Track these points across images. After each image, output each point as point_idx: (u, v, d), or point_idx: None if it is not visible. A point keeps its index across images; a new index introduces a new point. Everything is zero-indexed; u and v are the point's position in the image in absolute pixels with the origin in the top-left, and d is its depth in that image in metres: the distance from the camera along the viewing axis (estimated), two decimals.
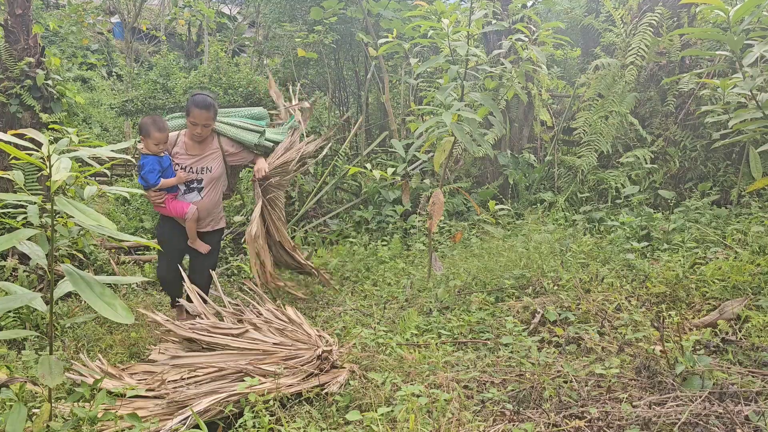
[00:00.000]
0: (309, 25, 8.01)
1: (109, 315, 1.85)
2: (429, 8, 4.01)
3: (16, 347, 3.54)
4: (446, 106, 3.61)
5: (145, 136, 3.63)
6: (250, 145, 3.93)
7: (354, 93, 9.00)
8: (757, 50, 3.22)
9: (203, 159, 3.82)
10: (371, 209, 5.97)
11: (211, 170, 3.83)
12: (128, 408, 2.51)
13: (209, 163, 3.83)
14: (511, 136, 6.56)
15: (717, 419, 2.03)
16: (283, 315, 3.30)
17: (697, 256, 3.74)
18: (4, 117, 4.87)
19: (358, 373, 2.70)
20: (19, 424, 1.82)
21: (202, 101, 3.68)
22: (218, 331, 3.09)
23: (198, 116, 3.64)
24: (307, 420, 2.43)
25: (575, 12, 7.83)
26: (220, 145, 3.88)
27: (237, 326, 3.13)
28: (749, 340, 2.66)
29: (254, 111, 4.12)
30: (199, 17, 12.36)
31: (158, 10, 15.44)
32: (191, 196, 3.83)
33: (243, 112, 4.08)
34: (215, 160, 3.85)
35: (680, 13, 5.73)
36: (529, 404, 2.34)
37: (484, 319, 3.38)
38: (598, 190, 5.68)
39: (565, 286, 3.62)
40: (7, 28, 4.90)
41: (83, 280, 1.91)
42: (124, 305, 1.91)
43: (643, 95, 5.88)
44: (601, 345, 2.84)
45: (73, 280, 1.90)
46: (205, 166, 3.82)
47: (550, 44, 4.53)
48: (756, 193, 4.54)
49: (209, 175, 3.83)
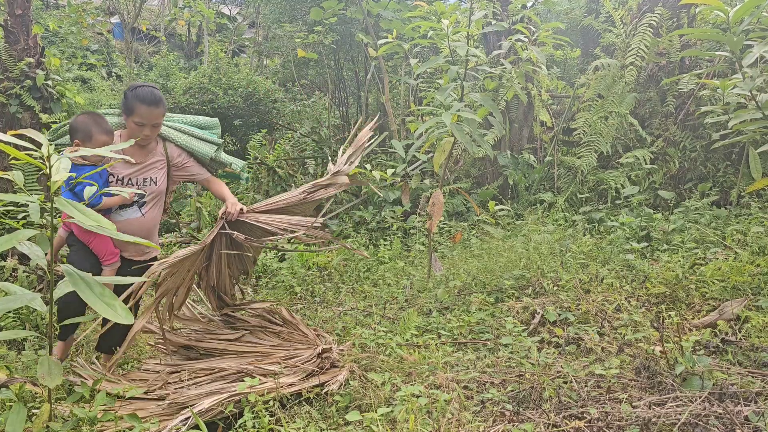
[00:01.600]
0: (309, 25, 8.02)
1: (110, 315, 1.85)
2: (429, 9, 4.01)
3: (16, 347, 3.54)
4: (446, 106, 3.61)
5: (83, 139, 2.83)
6: (204, 158, 3.22)
7: (354, 93, 9.01)
8: (757, 51, 3.22)
9: (146, 169, 3.05)
10: (371, 209, 5.97)
11: (156, 182, 3.09)
12: (128, 409, 2.51)
13: (154, 174, 3.08)
14: (510, 137, 6.56)
15: (717, 420, 2.03)
16: (278, 317, 3.25)
17: (696, 257, 3.74)
18: (4, 117, 4.87)
19: (357, 373, 2.70)
20: (19, 424, 1.82)
21: (151, 95, 2.92)
22: (214, 337, 3.09)
23: (146, 114, 2.90)
24: (306, 420, 2.43)
25: (575, 12, 7.84)
26: (166, 154, 3.15)
27: (233, 332, 3.12)
28: (749, 341, 2.67)
29: (201, 120, 3.37)
30: (198, 18, 12.36)
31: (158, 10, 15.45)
32: (129, 212, 3.03)
33: (188, 119, 3.35)
34: (160, 171, 3.11)
35: (680, 13, 5.73)
36: (528, 405, 2.34)
37: (484, 319, 3.38)
38: (598, 191, 5.68)
39: (564, 286, 3.62)
40: (7, 28, 4.90)
41: (83, 281, 1.91)
42: (123, 306, 1.91)
43: (643, 96, 5.89)
44: (601, 345, 2.84)
45: (72, 281, 1.90)
46: (149, 176, 3.06)
47: (550, 45, 4.53)
48: (756, 194, 4.55)
49: (154, 188, 3.09)
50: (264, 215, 3.00)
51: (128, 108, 2.92)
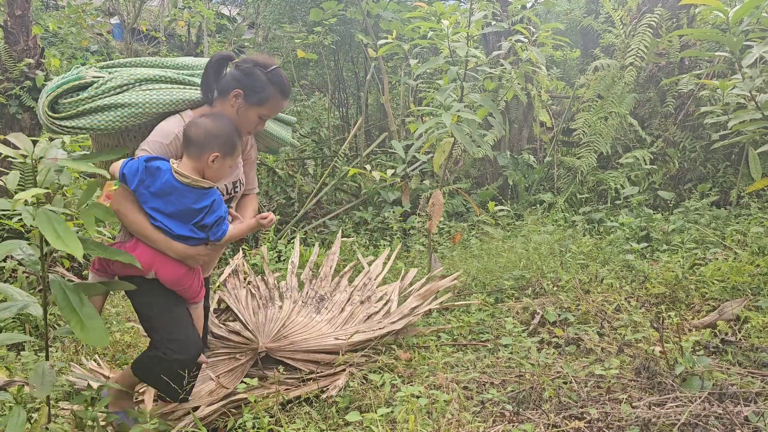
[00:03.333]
0: (309, 26, 8.01)
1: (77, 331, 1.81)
2: (428, 9, 4.01)
3: (16, 349, 3.53)
4: (446, 107, 3.61)
5: (226, 153, 2.16)
6: (283, 143, 2.64)
7: (354, 94, 9.00)
8: (757, 51, 3.22)
9: (236, 168, 2.37)
10: (371, 210, 5.97)
11: (243, 183, 2.45)
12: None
13: (239, 172, 2.41)
14: (510, 137, 6.56)
15: (716, 420, 2.03)
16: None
17: (696, 257, 3.74)
18: (4, 118, 4.86)
19: (357, 374, 2.70)
20: (19, 426, 1.82)
21: (288, 84, 2.30)
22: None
23: (276, 108, 2.31)
24: (306, 421, 2.43)
25: (574, 13, 7.83)
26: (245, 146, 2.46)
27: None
28: (749, 341, 2.67)
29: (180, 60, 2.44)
30: (198, 18, 12.36)
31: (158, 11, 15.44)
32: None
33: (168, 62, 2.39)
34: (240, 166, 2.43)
35: (679, 14, 5.73)
36: (528, 405, 2.34)
37: (484, 320, 3.38)
38: (598, 191, 5.68)
39: (564, 286, 3.63)
40: (7, 29, 4.90)
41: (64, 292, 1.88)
42: (101, 327, 1.87)
43: (643, 96, 5.89)
44: (601, 346, 2.84)
45: (56, 291, 1.88)
46: (239, 179, 2.40)
47: (550, 45, 4.53)
48: (755, 194, 4.55)
49: (239, 191, 2.44)
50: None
51: (256, 93, 2.22)
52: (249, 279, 3.66)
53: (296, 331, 3.05)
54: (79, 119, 2.12)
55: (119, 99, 2.14)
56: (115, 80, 2.17)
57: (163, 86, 2.22)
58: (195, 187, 2.10)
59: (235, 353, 2.93)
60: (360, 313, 3.27)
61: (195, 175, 2.11)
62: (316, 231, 6.04)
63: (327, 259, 3.87)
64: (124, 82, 2.17)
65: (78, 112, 2.12)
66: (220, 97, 2.24)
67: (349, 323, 3.19)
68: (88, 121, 2.12)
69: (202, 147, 2.11)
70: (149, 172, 2.08)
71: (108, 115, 2.12)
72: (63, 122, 2.12)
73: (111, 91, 2.15)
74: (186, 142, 2.13)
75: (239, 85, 2.21)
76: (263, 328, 3.06)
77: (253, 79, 2.22)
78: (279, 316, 3.20)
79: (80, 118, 2.13)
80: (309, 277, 3.71)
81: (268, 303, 3.40)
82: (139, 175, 2.06)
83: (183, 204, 2.11)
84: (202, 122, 2.13)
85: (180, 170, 2.08)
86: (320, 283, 3.63)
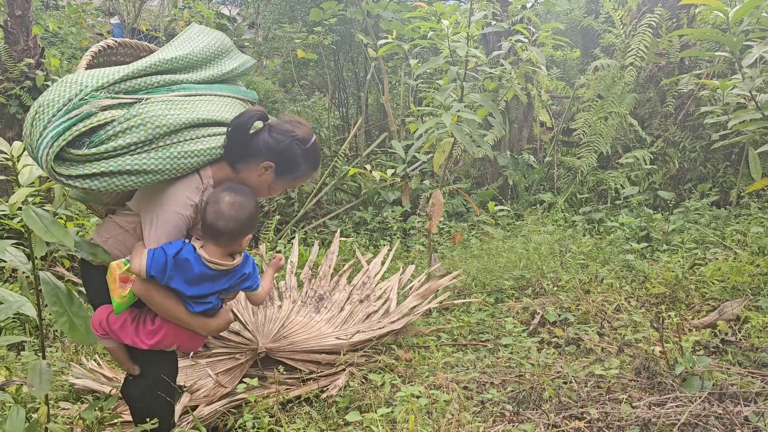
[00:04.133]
0: (309, 26, 8.01)
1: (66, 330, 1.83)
2: (429, 9, 4.01)
3: (16, 348, 3.54)
4: (446, 107, 3.61)
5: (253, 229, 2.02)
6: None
7: (354, 94, 9.00)
8: (757, 51, 3.22)
9: None
10: (371, 210, 5.97)
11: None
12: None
13: None
14: (510, 137, 6.56)
15: (716, 420, 2.03)
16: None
17: (696, 257, 3.74)
18: (4, 118, 4.87)
19: (357, 374, 2.70)
20: (18, 426, 1.82)
21: (320, 158, 2.21)
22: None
23: (306, 179, 2.23)
24: (306, 421, 2.43)
25: (575, 13, 7.83)
26: None
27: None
28: (749, 341, 2.67)
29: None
30: (198, 18, 12.36)
31: (158, 11, 15.43)
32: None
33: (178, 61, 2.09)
34: None
35: (680, 14, 5.73)
36: (528, 405, 2.34)
37: (484, 320, 3.38)
38: (598, 191, 5.68)
39: (564, 286, 3.62)
40: (7, 29, 4.90)
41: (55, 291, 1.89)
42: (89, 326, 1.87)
43: (643, 96, 5.89)
44: (601, 346, 2.84)
45: (46, 290, 1.88)
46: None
47: (550, 45, 4.53)
48: (755, 194, 4.55)
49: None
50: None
51: (290, 170, 2.09)
52: None
53: (296, 331, 3.05)
54: (87, 180, 1.78)
55: (138, 164, 1.81)
56: (135, 133, 1.81)
57: (187, 136, 1.92)
58: (230, 270, 1.98)
59: (234, 353, 2.93)
60: (359, 312, 3.27)
61: (224, 260, 1.95)
62: (316, 231, 6.04)
63: (326, 258, 3.87)
64: (147, 137, 1.82)
65: (87, 174, 1.77)
66: (246, 160, 2.04)
67: (348, 322, 3.19)
68: (98, 183, 1.79)
69: (235, 237, 1.94)
70: (179, 267, 1.89)
71: (122, 179, 1.81)
72: (70, 181, 1.76)
73: (130, 149, 1.81)
74: (213, 232, 1.91)
75: (273, 158, 2.03)
76: (263, 328, 3.06)
77: (290, 155, 2.04)
78: (278, 316, 3.20)
79: (90, 180, 1.78)
80: (308, 277, 3.71)
81: (267, 303, 3.40)
82: (168, 272, 1.88)
83: (217, 287, 1.98)
84: (230, 212, 1.90)
85: (211, 259, 1.91)
86: (319, 282, 3.63)
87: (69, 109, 1.74)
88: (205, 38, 2.20)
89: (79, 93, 1.77)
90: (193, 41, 2.17)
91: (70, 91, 1.77)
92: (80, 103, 1.76)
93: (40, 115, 1.73)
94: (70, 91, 1.77)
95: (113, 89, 1.84)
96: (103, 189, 1.80)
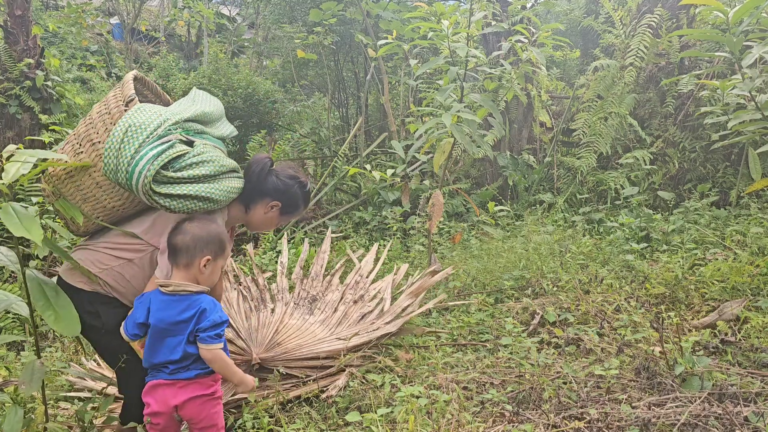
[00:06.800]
0: (308, 26, 8.02)
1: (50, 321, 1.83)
2: (428, 9, 4.01)
3: (15, 348, 3.54)
4: (446, 107, 3.61)
5: (217, 253, 2.06)
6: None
7: (353, 94, 9.01)
8: (756, 51, 3.22)
9: None
10: (371, 210, 5.97)
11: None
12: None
13: None
14: (510, 138, 6.56)
15: (716, 420, 2.03)
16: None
17: (696, 258, 3.74)
18: (4, 118, 4.87)
19: (357, 375, 2.70)
20: (16, 426, 1.82)
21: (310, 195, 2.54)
22: None
23: (297, 216, 2.57)
24: (306, 421, 2.43)
25: (574, 13, 7.84)
26: None
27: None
28: (748, 341, 2.67)
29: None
30: (198, 18, 12.36)
31: (157, 11, 15.43)
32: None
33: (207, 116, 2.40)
34: None
35: (679, 14, 5.73)
36: (528, 405, 2.34)
37: (484, 320, 3.38)
38: (598, 192, 5.68)
39: (564, 287, 3.62)
40: (7, 29, 4.90)
41: (40, 287, 1.90)
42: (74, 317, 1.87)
43: (643, 96, 5.89)
44: (601, 346, 2.84)
45: (31, 285, 1.90)
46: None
47: (550, 45, 4.53)
48: (755, 194, 4.55)
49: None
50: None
51: (292, 208, 2.42)
52: (240, 280, 3.64)
53: (290, 335, 2.98)
54: (168, 199, 2.02)
55: (207, 192, 2.09)
56: (207, 166, 2.09)
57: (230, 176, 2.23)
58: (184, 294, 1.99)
59: None
60: (353, 313, 3.24)
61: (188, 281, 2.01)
62: (316, 231, 6.04)
63: (317, 258, 3.84)
64: (214, 172, 2.12)
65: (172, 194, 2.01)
66: (256, 201, 2.35)
67: (342, 324, 3.16)
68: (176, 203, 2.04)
69: (192, 254, 2.00)
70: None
71: (192, 203, 2.07)
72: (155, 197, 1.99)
73: (200, 180, 2.08)
74: (172, 249, 2.01)
75: (279, 198, 2.36)
76: (256, 334, 2.98)
77: (292, 195, 2.39)
78: (272, 320, 3.13)
79: (170, 199, 2.02)
80: (300, 277, 3.68)
81: (260, 305, 3.35)
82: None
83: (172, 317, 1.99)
84: (188, 228, 2.03)
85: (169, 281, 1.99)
86: (311, 282, 3.59)
87: (160, 135, 2.01)
88: (212, 102, 2.47)
89: (162, 123, 2.03)
90: (207, 102, 2.44)
91: (155, 120, 2.02)
92: (165, 133, 2.03)
93: (132, 134, 1.97)
94: (155, 120, 2.02)
95: (178, 126, 2.10)
96: (177, 209, 2.05)
